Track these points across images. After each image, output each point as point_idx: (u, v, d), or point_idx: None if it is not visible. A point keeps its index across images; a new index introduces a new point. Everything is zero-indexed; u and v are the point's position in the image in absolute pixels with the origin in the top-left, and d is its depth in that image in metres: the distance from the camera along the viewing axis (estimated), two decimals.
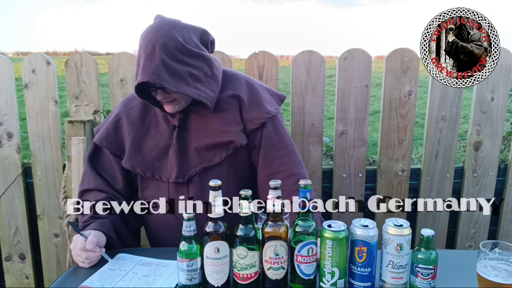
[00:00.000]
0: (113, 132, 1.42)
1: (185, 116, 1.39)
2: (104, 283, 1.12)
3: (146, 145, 1.39)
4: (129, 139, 1.40)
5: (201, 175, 1.37)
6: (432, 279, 1.04)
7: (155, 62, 1.23)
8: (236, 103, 1.38)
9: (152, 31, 1.26)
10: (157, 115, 1.41)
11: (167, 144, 1.38)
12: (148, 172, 1.39)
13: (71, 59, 1.91)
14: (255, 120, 1.38)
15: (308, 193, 1.03)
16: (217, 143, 1.36)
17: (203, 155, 1.37)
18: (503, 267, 1.01)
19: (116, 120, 1.43)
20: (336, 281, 1.04)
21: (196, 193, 1.36)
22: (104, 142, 1.42)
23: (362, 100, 1.92)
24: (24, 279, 2.11)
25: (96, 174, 1.43)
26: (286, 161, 1.39)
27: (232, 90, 1.40)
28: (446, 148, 1.98)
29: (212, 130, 1.37)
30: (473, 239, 2.09)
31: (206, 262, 1.05)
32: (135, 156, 1.39)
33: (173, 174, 1.36)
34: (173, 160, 1.37)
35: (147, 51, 1.24)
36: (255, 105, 1.39)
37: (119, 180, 1.43)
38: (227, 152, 1.37)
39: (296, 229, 1.04)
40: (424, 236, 1.04)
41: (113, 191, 1.42)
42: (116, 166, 1.43)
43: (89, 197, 1.39)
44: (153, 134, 1.40)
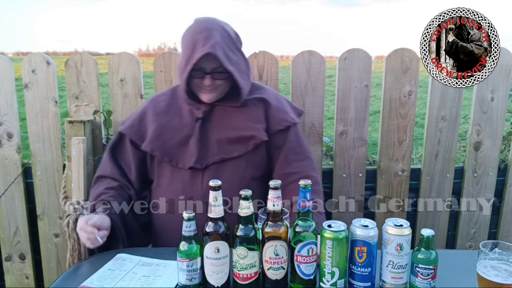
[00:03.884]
0: (138, 122, 1.49)
1: (210, 110, 1.45)
2: (104, 283, 1.12)
3: (168, 132, 1.45)
4: (152, 127, 1.45)
5: (219, 165, 1.41)
6: (432, 279, 1.04)
7: (214, 39, 1.33)
8: (262, 105, 1.46)
9: (205, 21, 1.39)
10: (182, 109, 1.47)
11: (188, 134, 1.44)
12: (166, 157, 1.43)
13: (71, 59, 1.91)
14: (282, 122, 1.46)
15: (308, 193, 1.03)
16: (239, 137, 1.42)
17: (223, 148, 1.42)
18: (503, 267, 1.01)
19: (142, 112, 1.51)
20: (336, 281, 1.04)
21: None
22: (128, 130, 1.49)
23: (362, 100, 1.92)
24: (24, 279, 2.11)
25: (114, 164, 1.51)
26: (303, 164, 1.47)
27: (259, 95, 1.49)
28: (446, 148, 1.98)
29: (235, 125, 1.43)
30: (473, 239, 2.09)
31: (206, 262, 1.05)
32: (155, 141, 1.44)
33: (192, 159, 1.40)
34: (193, 147, 1.41)
35: (203, 34, 1.33)
36: (281, 110, 1.49)
37: (133, 172, 1.49)
38: (246, 149, 1.42)
39: (296, 229, 1.04)
40: (424, 236, 1.04)
41: (126, 182, 1.50)
42: (132, 158, 1.49)
43: (103, 183, 1.48)
44: (176, 123, 1.46)
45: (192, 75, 1.37)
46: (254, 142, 1.42)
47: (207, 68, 1.36)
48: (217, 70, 1.37)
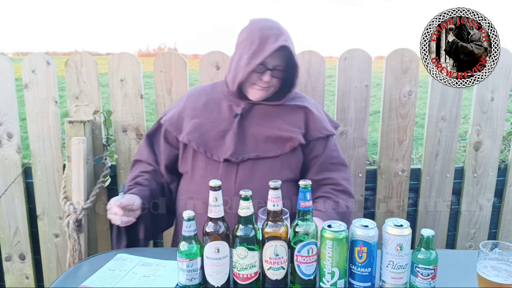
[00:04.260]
0: (177, 115, 1.53)
1: (250, 107, 1.47)
2: (104, 283, 1.12)
3: (206, 126, 1.46)
4: (192, 121, 1.48)
5: (254, 162, 1.41)
6: (432, 279, 1.04)
7: (285, 35, 1.40)
8: (302, 112, 1.48)
9: (270, 20, 1.44)
10: (221, 104, 1.49)
11: (226, 129, 1.45)
12: (202, 148, 1.44)
13: (71, 59, 1.91)
14: (322, 130, 1.48)
15: (307, 193, 1.03)
16: (276, 136, 1.43)
17: (260, 145, 1.43)
18: (503, 267, 1.01)
19: (183, 106, 1.54)
20: (336, 281, 1.04)
21: (244, 178, 1.39)
22: (167, 122, 1.53)
23: (362, 100, 1.92)
24: (24, 279, 2.11)
25: (150, 149, 1.58)
26: (336, 173, 1.49)
27: (300, 102, 1.50)
28: (446, 148, 1.98)
29: (273, 124, 1.44)
30: (473, 239, 2.09)
31: (206, 262, 1.05)
32: (193, 133, 1.46)
33: (228, 152, 1.40)
34: (230, 141, 1.42)
35: (274, 31, 1.39)
36: (322, 119, 1.51)
37: (162, 162, 1.55)
38: (283, 150, 1.43)
39: (296, 229, 1.04)
40: (424, 236, 1.04)
41: (159, 168, 1.56)
42: (163, 150, 1.54)
43: (139, 167, 1.56)
44: (214, 118, 1.47)
45: (254, 70, 1.39)
46: (291, 145, 1.42)
47: (269, 64, 1.40)
48: (277, 67, 1.41)
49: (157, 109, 1.95)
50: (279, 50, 1.37)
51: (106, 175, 1.92)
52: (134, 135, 1.96)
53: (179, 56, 1.91)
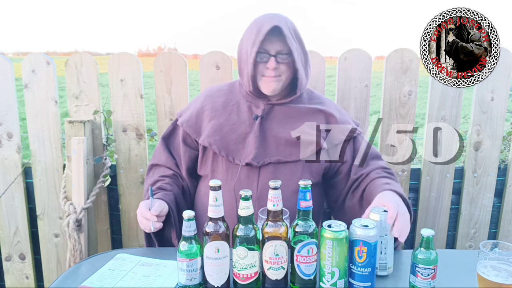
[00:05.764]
0: (195, 117, 1.49)
1: (269, 109, 1.44)
2: (104, 283, 1.12)
3: (226, 128, 1.44)
4: (210, 123, 1.46)
5: (275, 166, 1.40)
6: (432, 279, 1.04)
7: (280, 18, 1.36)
8: (323, 117, 1.46)
9: (271, 13, 1.39)
10: (240, 105, 1.47)
11: (246, 131, 1.43)
12: (223, 151, 1.42)
13: (71, 59, 1.91)
14: (345, 131, 1.46)
15: (308, 193, 1.03)
16: (297, 140, 1.40)
17: (281, 149, 1.41)
18: (503, 267, 1.01)
19: (200, 107, 1.50)
20: (336, 281, 1.04)
21: (267, 183, 1.38)
22: (185, 123, 1.49)
23: (362, 100, 1.92)
24: (24, 279, 2.11)
25: (168, 153, 1.54)
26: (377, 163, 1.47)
27: (320, 105, 1.48)
28: (446, 148, 1.97)
29: (294, 126, 1.42)
30: (473, 239, 2.08)
31: (206, 262, 1.05)
32: (213, 136, 1.43)
33: (250, 156, 1.39)
34: (251, 144, 1.40)
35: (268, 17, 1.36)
36: (345, 121, 1.49)
37: (182, 166, 1.52)
38: (304, 155, 1.41)
39: (296, 229, 1.04)
40: (424, 236, 1.04)
41: (179, 171, 1.54)
42: (183, 153, 1.51)
43: (158, 172, 1.53)
44: (234, 119, 1.45)
45: (257, 60, 1.36)
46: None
47: (271, 50, 1.35)
48: (281, 52, 1.36)
49: (157, 109, 1.94)
50: (279, 35, 1.33)
51: (106, 175, 1.93)
52: (134, 135, 1.96)
53: (179, 56, 1.91)
